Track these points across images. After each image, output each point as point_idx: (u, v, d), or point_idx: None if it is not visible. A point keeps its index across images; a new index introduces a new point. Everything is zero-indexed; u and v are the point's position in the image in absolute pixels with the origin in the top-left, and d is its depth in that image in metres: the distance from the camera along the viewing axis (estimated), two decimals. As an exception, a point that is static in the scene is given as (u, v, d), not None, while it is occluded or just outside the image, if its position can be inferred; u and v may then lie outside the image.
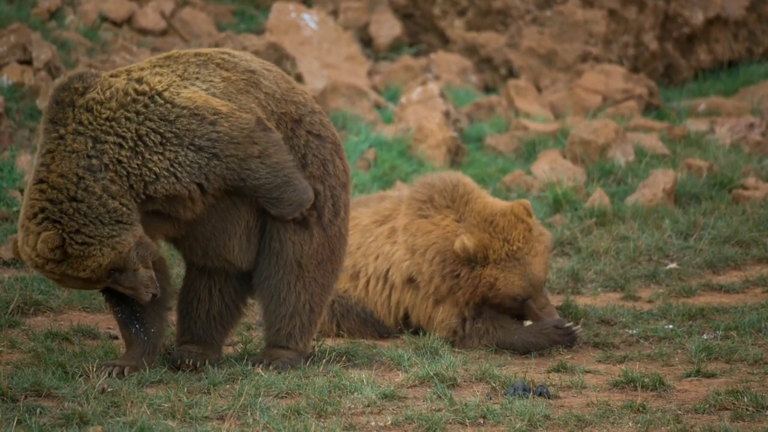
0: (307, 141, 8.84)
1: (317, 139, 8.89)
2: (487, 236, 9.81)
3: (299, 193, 8.62)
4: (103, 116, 8.39)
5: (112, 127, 8.38)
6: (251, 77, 8.71)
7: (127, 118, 8.39)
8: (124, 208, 8.34)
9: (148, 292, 8.41)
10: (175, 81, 8.53)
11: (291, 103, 8.83)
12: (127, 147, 8.35)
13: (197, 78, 8.60)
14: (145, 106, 8.41)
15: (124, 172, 8.34)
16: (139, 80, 8.49)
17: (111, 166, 8.33)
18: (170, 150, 8.39)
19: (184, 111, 8.43)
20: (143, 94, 8.44)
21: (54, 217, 8.26)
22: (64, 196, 8.28)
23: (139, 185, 8.35)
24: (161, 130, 8.40)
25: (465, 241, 9.76)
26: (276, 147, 8.58)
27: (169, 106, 8.43)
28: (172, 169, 8.39)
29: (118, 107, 8.40)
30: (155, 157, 8.38)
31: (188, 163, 8.41)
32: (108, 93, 8.42)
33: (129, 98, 8.43)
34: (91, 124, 8.37)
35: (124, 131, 8.38)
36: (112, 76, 8.54)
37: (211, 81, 8.60)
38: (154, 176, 8.37)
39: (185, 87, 8.53)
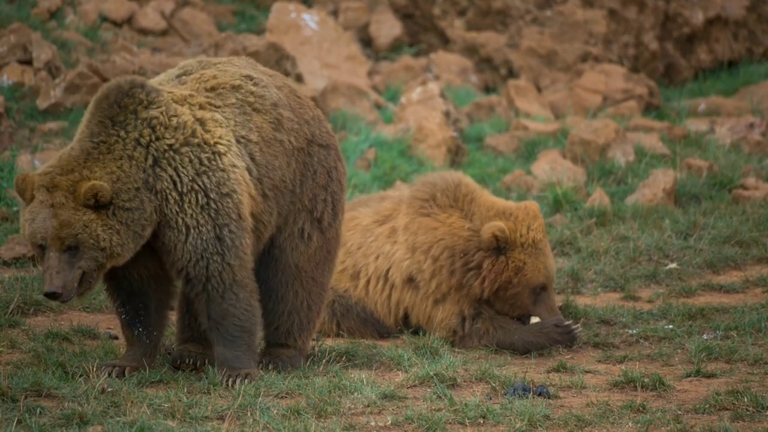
0: (319, 157, 8.90)
1: (324, 149, 8.96)
2: (512, 223, 9.89)
3: (250, 357, 8.51)
4: (167, 143, 8.32)
5: (174, 159, 8.31)
6: (274, 114, 8.68)
7: (190, 160, 8.34)
8: (146, 236, 8.33)
9: (46, 282, 8.16)
10: (231, 142, 8.43)
11: (304, 123, 8.87)
12: (176, 191, 8.30)
13: (242, 136, 8.50)
14: (209, 160, 8.37)
15: (161, 209, 8.30)
16: (202, 122, 8.43)
17: (160, 195, 8.30)
18: (204, 216, 8.36)
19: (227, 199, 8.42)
20: (207, 144, 8.39)
21: (108, 199, 8.17)
22: (131, 186, 8.24)
23: (155, 225, 8.33)
24: (211, 196, 8.36)
25: (501, 224, 9.81)
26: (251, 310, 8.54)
27: (224, 176, 8.38)
28: (190, 230, 8.35)
29: (184, 143, 8.35)
30: (189, 211, 8.35)
31: (203, 239, 8.37)
32: (174, 121, 8.34)
33: (196, 141, 8.36)
34: (152, 143, 8.30)
35: (183, 172, 8.30)
36: (174, 101, 8.42)
37: (252, 142, 8.52)
38: (175, 224, 8.33)
39: (237, 154, 8.44)
